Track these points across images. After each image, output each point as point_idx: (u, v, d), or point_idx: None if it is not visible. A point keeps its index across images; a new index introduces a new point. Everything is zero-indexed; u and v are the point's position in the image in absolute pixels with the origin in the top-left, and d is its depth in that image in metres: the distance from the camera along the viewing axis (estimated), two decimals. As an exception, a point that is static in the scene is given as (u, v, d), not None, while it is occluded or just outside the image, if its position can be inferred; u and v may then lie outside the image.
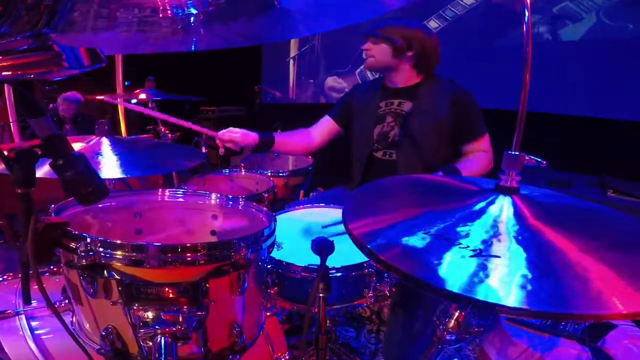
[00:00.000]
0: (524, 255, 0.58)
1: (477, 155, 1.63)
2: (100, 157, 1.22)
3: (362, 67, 4.69)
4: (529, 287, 0.51)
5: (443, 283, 0.53)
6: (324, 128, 1.92)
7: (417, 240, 0.62)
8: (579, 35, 2.92)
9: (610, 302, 0.49)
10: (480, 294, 0.50)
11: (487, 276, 0.53)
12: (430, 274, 0.54)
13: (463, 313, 0.77)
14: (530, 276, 0.53)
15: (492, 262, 0.56)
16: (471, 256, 0.57)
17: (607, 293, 0.50)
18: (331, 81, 4.88)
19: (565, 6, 2.95)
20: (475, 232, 0.63)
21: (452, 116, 1.61)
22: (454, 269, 0.55)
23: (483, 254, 0.58)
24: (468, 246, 0.59)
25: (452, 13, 3.56)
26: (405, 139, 1.68)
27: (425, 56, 1.65)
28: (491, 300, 0.50)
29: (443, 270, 0.55)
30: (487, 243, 0.60)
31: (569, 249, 0.59)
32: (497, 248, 0.59)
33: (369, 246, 0.61)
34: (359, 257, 1.13)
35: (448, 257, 0.57)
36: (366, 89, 1.86)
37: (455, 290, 0.51)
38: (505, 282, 0.52)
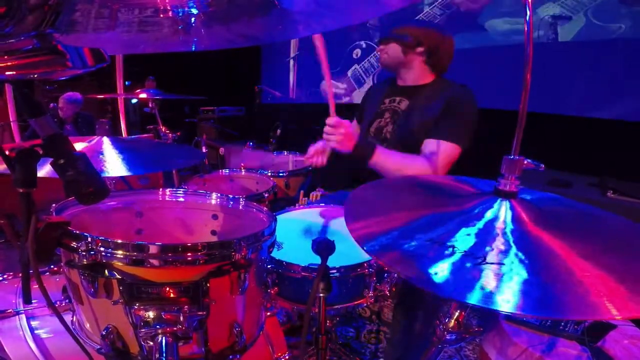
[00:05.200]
0: (522, 259, 0.58)
1: (421, 158, 1.53)
2: (101, 156, 1.22)
3: (353, 67, 4.71)
4: (527, 292, 0.51)
5: (440, 288, 0.52)
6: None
7: (415, 244, 0.62)
8: (577, 35, 2.92)
9: (609, 307, 0.49)
10: (478, 299, 0.50)
11: (484, 281, 0.53)
12: (428, 279, 0.54)
13: (463, 313, 0.78)
14: (528, 281, 0.53)
15: (489, 266, 0.56)
16: (469, 261, 0.57)
17: (606, 298, 0.50)
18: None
19: (564, 6, 2.95)
20: (473, 237, 0.63)
21: (441, 115, 1.56)
22: (451, 273, 0.55)
23: (481, 258, 0.58)
24: (465, 251, 0.59)
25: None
26: (394, 136, 1.70)
27: (437, 53, 1.65)
28: (488, 305, 0.50)
29: (440, 275, 0.55)
30: (485, 247, 0.60)
31: (568, 253, 0.59)
32: (495, 253, 0.59)
33: (366, 249, 0.61)
34: (359, 257, 1.13)
35: (446, 262, 0.57)
36: (379, 87, 1.92)
37: (452, 296, 0.51)
38: (503, 287, 0.52)
